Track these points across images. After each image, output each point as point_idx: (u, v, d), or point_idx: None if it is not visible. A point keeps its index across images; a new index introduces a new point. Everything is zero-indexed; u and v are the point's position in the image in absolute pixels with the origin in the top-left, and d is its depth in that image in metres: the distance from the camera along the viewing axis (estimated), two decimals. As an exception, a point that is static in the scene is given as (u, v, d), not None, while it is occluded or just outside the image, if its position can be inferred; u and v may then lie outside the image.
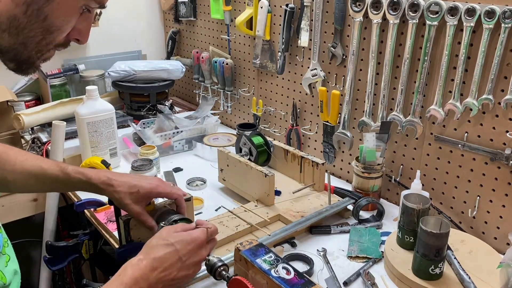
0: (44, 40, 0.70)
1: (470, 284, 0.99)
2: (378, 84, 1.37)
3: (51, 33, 0.70)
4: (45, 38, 0.70)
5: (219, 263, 0.93)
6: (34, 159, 1.06)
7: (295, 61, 1.65)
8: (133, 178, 1.04)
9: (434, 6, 1.17)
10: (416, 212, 1.09)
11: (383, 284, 1.07)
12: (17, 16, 0.66)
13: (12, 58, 0.71)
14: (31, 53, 0.71)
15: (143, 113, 2.03)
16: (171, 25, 2.37)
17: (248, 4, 1.74)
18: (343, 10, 1.41)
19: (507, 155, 1.13)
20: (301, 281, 0.87)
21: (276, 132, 1.82)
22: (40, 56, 0.72)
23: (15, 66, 0.72)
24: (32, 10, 0.66)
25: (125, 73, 2.01)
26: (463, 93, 1.19)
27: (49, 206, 1.71)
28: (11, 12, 0.65)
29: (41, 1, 0.66)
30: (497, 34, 1.09)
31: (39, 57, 0.72)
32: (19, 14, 0.66)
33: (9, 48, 0.69)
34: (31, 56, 0.71)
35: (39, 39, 0.70)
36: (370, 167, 1.35)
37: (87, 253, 1.37)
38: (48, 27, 0.69)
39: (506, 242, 1.17)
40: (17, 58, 0.71)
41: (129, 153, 1.74)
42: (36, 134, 1.86)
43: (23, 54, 0.70)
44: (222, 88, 2.01)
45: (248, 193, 1.39)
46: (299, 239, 1.23)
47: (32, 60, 0.72)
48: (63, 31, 0.72)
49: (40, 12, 0.67)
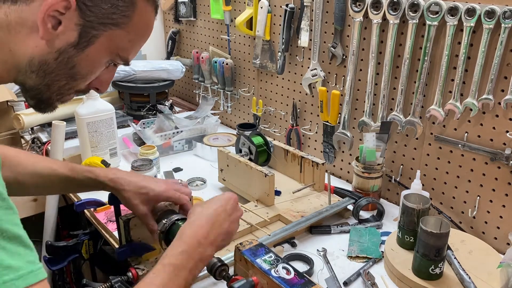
0: (67, 85, 0.75)
1: (470, 284, 0.99)
2: (378, 84, 1.37)
3: (75, 80, 0.75)
4: (69, 83, 0.74)
5: (219, 263, 0.93)
6: (44, 161, 1.08)
7: (295, 61, 1.65)
8: (143, 179, 1.04)
9: (434, 6, 1.17)
10: (416, 212, 1.09)
11: (383, 284, 1.07)
12: (48, 61, 0.70)
13: (33, 96, 0.75)
14: (52, 95, 0.75)
15: (143, 113, 2.03)
16: (171, 25, 2.37)
17: (248, 4, 1.74)
18: (343, 10, 1.41)
19: (507, 155, 1.13)
20: (301, 281, 0.87)
21: (276, 132, 1.82)
22: (60, 98, 0.76)
23: (34, 104, 0.77)
24: (63, 58, 0.70)
25: (125, 73, 2.01)
26: (463, 93, 1.19)
27: (49, 206, 1.71)
28: (44, 57, 0.69)
29: (73, 51, 0.70)
30: (497, 34, 1.09)
31: (58, 99, 0.76)
32: (51, 59, 0.70)
33: (34, 87, 0.73)
34: (52, 97, 0.75)
35: (63, 84, 0.74)
36: (370, 167, 1.35)
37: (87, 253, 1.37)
38: (73, 74, 0.73)
39: (506, 242, 1.17)
40: (38, 97, 0.75)
41: (129, 153, 1.74)
42: (36, 134, 1.86)
43: (44, 94, 0.74)
44: (222, 88, 2.01)
45: (248, 193, 1.39)
46: (299, 239, 1.23)
47: (51, 101, 0.76)
48: (86, 79, 0.76)
49: (70, 61, 0.71)
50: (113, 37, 0.72)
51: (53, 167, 1.05)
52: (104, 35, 0.71)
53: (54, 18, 0.67)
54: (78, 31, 0.69)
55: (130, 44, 0.77)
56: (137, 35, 0.77)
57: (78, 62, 0.72)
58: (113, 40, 0.73)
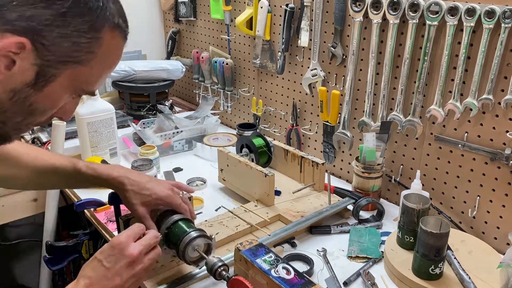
0: (25, 121, 0.71)
1: (470, 284, 0.99)
2: (378, 84, 1.37)
3: (33, 116, 0.71)
4: (26, 119, 0.71)
5: (219, 263, 0.93)
6: (45, 155, 1.07)
7: (295, 61, 1.65)
8: (148, 181, 1.03)
9: (434, 6, 1.17)
10: (416, 212, 1.09)
11: (383, 284, 1.07)
12: (2, 100, 0.66)
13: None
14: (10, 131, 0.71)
15: (143, 113, 2.03)
16: (171, 25, 2.37)
17: (248, 4, 1.73)
18: (343, 10, 1.41)
19: (507, 155, 1.13)
20: (301, 281, 0.87)
21: (276, 132, 1.82)
22: (18, 133, 0.73)
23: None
24: (19, 97, 0.66)
25: (125, 73, 2.01)
26: (463, 93, 1.19)
27: (49, 206, 1.71)
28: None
29: (30, 90, 0.66)
30: (497, 34, 1.09)
31: (16, 133, 0.73)
32: (5, 99, 0.66)
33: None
34: (8, 132, 0.72)
35: (19, 120, 0.70)
36: (370, 167, 1.35)
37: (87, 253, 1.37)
38: (31, 111, 0.69)
39: (506, 242, 1.17)
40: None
41: (129, 153, 1.74)
42: (36, 134, 1.86)
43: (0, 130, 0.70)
44: (222, 88, 2.01)
45: (248, 193, 1.39)
46: (299, 239, 1.23)
47: (8, 135, 0.73)
48: (46, 115, 0.72)
49: (26, 100, 0.67)
50: (75, 74, 0.68)
51: (55, 162, 1.04)
52: (65, 73, 0.67)
53: (7, 58, 0.62)
54: (35, 70, 0.65)
55: (95, 78, 0.73)
56: (104, 67, 0.73)
57: (36, 101, 0.68)
58: (76, 76, 0.69)
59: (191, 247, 0.95)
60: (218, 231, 1.20)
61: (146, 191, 1.00)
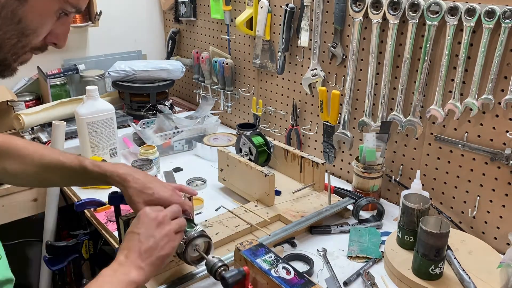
0: (20, 43, 0.71)
1: (470, 284, 0.99)
2: (378, 84, 1.37)
3: (27, 36, 0.71)
4: (20, 40, 0.70)
5: (219, 263, 0.93)
6: (52, 152, 1.08)
7: (295, 61, 1.65)
8: (151, 181, 1.04)
9: (434, 6, 1.17)
10: (416, 212, 1.09)
11: (383, 284, 1.07)
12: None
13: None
14: (7, 55, 0.71)
15: (143, 113, 2.03)
16: (171, 25, 2.37)
17: (248, 4, 1.73)
18: (343, 10, 1.41)
19: (507, 155, 1.13)
20: (301, 281, 0.87)
21: (276, 132, 1.82)
22: (16, 59, 0.73)
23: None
24: (6, 12, 0.66)
25: (125, 73, 2.01)
26: (463, 93, 1.19)
27: (49, 206, 1.71)
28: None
29: (14, 3, 0.66)
30: (497, 34, 1.09)
31: (15, 59, 0.73)
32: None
33: None
34: (7, 58, 0.72)
35: (14, 42, 0.70)
36: (370, 167, 1.35)
37: (87, 253, 1.37)
38: (23, 30, 0.70)
39: (506, 242, 1.17)
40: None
41: (129, 153, 1.74)
42: (36, 134, 1.86)
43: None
44: (222, 88, 2.01)
45: (248, 193, 1.39)
46: (299, 239, 1.23)
47: (8, 62, 0.72)
48: (38, 34, 0.72)
49: (14, 15, 0.67)
50: None
51: (61, 159, 1.05)
52: None
53: None
54: None
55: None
56: None
57: (24, 14, 0.68)
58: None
59: (191, 247, 0.96)
60: (218, 231, 1.20)
61: (149, 190, 1.01)
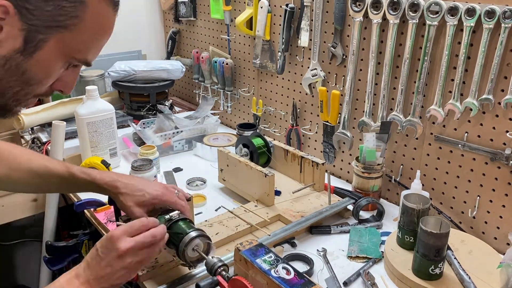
0: (23, 91, 0.71)
1: (470, 284, 0.99)
2: (378, 84, 1.37)
3: (30, 85, 0.71)
4: (23, 89, 0.71)
5: (219, 263, 0.93)
6: (40, 158, 1.06)
7: (295, 61, 1.65)
8: (140, 182, 1.04)
9: (434, 6, 1.17)
10: (416, 212, 1.09)
11: (383, 284, 1.07)
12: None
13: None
14: (8, 101, 0.72)
15: (143, 113, 2.03)
16: (171, 25, 2.37)
17: (248, 4, 1.73)
18: (343, 10, 1.41)
19: (507, 155, 1.13)
20: (301, 281, 0.87)
21: (276, 132, 1.82)
22: (18, 104, 0.74)
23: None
24: (11, 65, 0.67)
25: (125, 73, 2.01)
26: (463, 93, 1.19)
27: (49, 206, 1.71)
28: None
29: (20, 57, 0.67)
30: (497, 34, 1.09)
31: (16, 105, 0.73)
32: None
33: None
34: (8, 103, 0.72)
35: (17, 90, 0.70)
36: (370, 167, 1.35)
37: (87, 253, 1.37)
38: (27, 80, 0.70)
39: (506, 242, 1.17)
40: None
41: (129, 153, 1.74)
42: (36, 134, 1.86)
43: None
44: (222, 88, 2.01)
45: (248, 193, 1.39)
46: (299, 239, 1.23)
47: (9, 107, 0.73)
48: (43, 84, 0.73)
49: (19, 67, 0.68)
50: (64, 40, 0.69)
51: (48, 165, 1.04)
52: (53, 39, 0.68)
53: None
54: (22, 36, 0.65)
55: (84, 46, 0.73)
56: (92, 35, 0.73)
57: (29, 68, 0.68)
58: (64, 42, 0.69)
59: (191, 247, 0.96)
60: (218, 231, 1.20)
61: (139, 192, 1.01)
